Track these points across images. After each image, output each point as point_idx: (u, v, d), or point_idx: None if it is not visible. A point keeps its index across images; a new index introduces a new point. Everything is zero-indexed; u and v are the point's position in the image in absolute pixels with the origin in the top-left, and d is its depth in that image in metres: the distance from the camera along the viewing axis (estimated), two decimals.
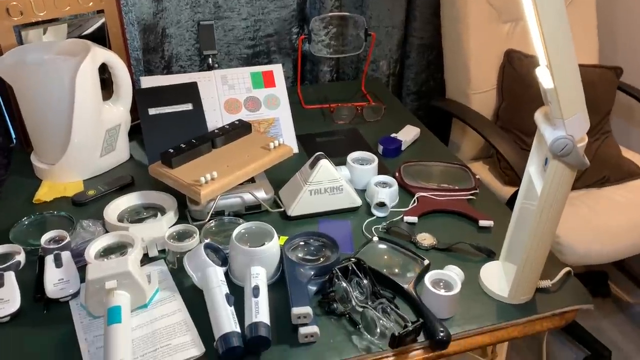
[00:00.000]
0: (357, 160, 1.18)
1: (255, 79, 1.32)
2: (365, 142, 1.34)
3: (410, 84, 1.82)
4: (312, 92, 1.61)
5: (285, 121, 1.31)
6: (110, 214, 1.02)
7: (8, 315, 0.82)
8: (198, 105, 1.26)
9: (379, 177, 1.14)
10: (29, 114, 1.12)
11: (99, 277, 0.81)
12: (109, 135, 1.17)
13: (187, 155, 1.08)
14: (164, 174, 1.05)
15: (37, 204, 1.09)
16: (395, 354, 0.82)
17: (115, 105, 1.19)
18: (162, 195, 1.07)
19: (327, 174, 1.05)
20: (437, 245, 1.01)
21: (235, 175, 1.05)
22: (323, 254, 0.94)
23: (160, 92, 1.25)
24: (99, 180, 1.17)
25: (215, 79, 1.30)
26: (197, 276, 0.88)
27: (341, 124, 1.43)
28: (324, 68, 1.69)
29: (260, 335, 0.78)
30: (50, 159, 1.14)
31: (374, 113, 1.44)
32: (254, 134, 1.20)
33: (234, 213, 1.06)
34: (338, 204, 1.08)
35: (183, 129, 1.23)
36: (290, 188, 1.10)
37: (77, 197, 1.09)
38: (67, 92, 1.06)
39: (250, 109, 1.30)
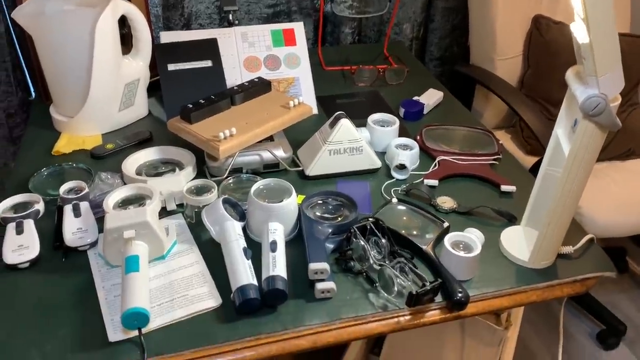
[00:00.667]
0: (377, 121, 1.16)
1: (276, 36, 1.30)
2: (386, 105, 1.32)
3: (433, 49, 1.77)
4: (333, 53, 1.58)
5: (305, 81, 1.29)
6: (129, 167, 1.01)
7: (27, 262, 0.83)
8: (217, 63, 1.24)
9: (399, 139, 1.12)
10: (48, 66, 1.11)
11: (117, 226, 0.81)
12: (127, 89, 1.16)
13: (206, 111, 1.07)
14: (182, 129, 1.04)
15: (56, 155, 1.09)
16: (412, 313, 0.81)
17: (134, 60, 1.18)
18: (181, 151, 1.07)
19: (348, 134, 1.04)
20: (457, 208, 0.99)
21: (254, 132, 1.04)
22: (341, 213, 0.93)
23: (180, 48, 1.23)
24: (118, 134, 1.16)
25: (235, 35, 1.28)
26: (215, 230, 0.87)
27: (362, 87, 1.40)
28: (345, 30, 1.65)
29: (277, 288, 0.77)
30: (69, 111, 1.14)
31: (396, 76, 1.41)
32: (274, 92, 1.18)
33: (251, 171, 1.06)
34: (357, 165, 1.06)
35: (202, 85, 1.21)
36: (309, 147, 1.09)
37: (95, 150, 1.09)
38: (87, 43, 1.05)
39: (270, 67, 1.28)
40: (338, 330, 0.78)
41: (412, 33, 1.73)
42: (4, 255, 0.82)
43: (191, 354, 0.73)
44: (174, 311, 0.77)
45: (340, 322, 0.78)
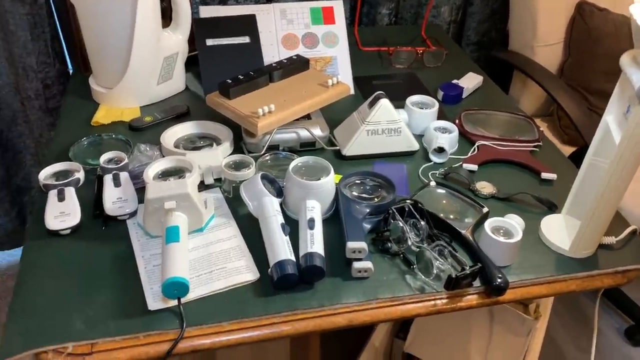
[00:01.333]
0: (416, 103, 1.14)
1: (315, 14, 1.28)
2: (424, 87, 1.30)
3: (471, 34, 1.74)
4: (369, 34, 1.56)
5: (343, 60, 1.27)
6: (167, 140, 1.02)
7: (69, 228, 0.84)
8: (255, 39, 1.23)
9: (438, 122, 1.11)
10: (89, 36, 1.11)
11: (159, 196, 0.81)
12: (166, 63, 1.16)
13: (245, 87, 1.06)
14: (221, 104, 1.04)
15: (95, 126, 1.10)
16: (449, 297, 0.80)
17: (173, 33, 1.17)
18: (218, 126, 1.07)
19: (387, 114, 1.02)
20: (497, 194, 0.98)
21: (292, 110, 1.03)
22: (378, 194, 0.92)
23: (219, 23, 1.22)
24: (155, 107, 1.17)
25: (274, 12, 1.27)
26: (253, 205, 0.87)
27: (399, 68, 1.38)
28: (382, 10, 1.63)
29: (315, 265, 0.77)
30: (108, 82, 1.15)
31: (434, 58, 1.39)
32: (311, 70, 1.17)
33: (288, 149, 1.05)
34: (395, 147, 1.05)
35: (239, 62, 1.21)
36: (346, 127, 1.08)
37: (134, 122, 1.10)
38: (129, 14, 1.05)
39: (308, 45, 1.27)
40: (374, 310, 0.78)
41: (450, 16, 1.69)
42: (47, 221, 0.84)
43: (229, 326, 0.74)
44: (212, 283, 0.78)
45: (377, 302, 0.78)
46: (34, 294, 0.76)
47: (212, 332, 0.73)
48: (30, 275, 0.79)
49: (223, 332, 0.73)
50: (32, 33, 1.41)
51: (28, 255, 0.82)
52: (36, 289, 0.77)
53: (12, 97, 1.56)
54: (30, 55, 1.44)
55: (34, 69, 1.47)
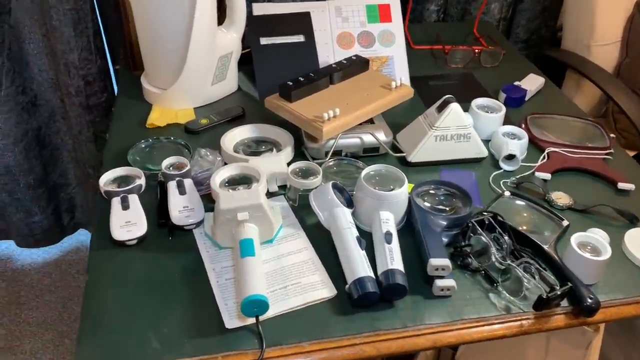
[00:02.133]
0: (481, 107, 1.10)
1: (371, 12, 1.23)
2: (482, 89, 1.25)
3: (520, 31, 1.68)
4: (419, 31, 1.51)
5: (400, 60, 1.22)
6: (227, 144, 0.98)
7: (135, 239, 0.80)
8: (310, 38, 1.18)
9: (506, 127, 1.06)
10: (145, 35, 1.08)
11: (232, 207, 0.77)
12: (221, 62, 1.12)
13: (306, 90, 1.02)
14: (281, 107, 1.00)
15: (150, 128, 1.06)
16: (536, 317, 0.76)
17: (228, 32, 1.13)
18: (278, 130, 1.03)
19: (457, 119, 0.98)
20: (574, 205, 0.93)
21: (356, 114, 0.99)
22: (453, 205, 0.88)
23: (273, 21, 1.18)
24: (209, 109, 1.13)
25: (329, 10, 1.22)
26: (324, 215, 0.83)
27: (455, 68, 1.33)
28: (430, 7, 1.57)
29: (398, 283, 0.73)
30: (162, 83, 1.11)
31: (491, 58, 1.33)
32: (371, 71, 1.13)
33: (351, 154, 1.01)
34: (463, 153, 1.01)
35: (294, 62, 1.17)
36: (411, 132, 1.03)
37: (190, 124, 1.06)
38: (187, 12, 1.01)
39: (364, 44, 1.22)
40: (459, 331, 0.74)
41: (500, 13, 1.63)
42: (113, 231, 0.80)
43: (310, 346, 0.70)
44: (289, 299, 0.74)
45: (462, 322, 0.74)
46: (104, 310, 0.73)
47: (292, 353, 0.70)
48: (98, 289, 0.76)
49: (303, 353, 0.70)
50: (76, 29, 1.38)
51: (95, 267, 0.78)
52: (106, 305, 0.74)
53: (52, 94, 1.54)
54: (73, 51, 1.41)
55: (76, 66, 1.44)
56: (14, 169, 1.59)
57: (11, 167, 1.58)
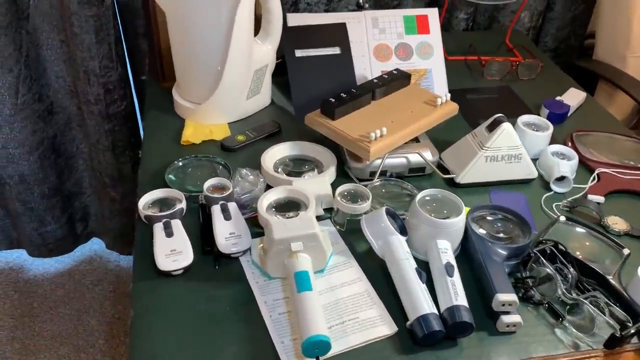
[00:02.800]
0: (528, 124, 1.06)
1: (408, 23, 1.19)
2: (522, 103, 1.21)
3: (548, 40, 1.64)
4: (449, 41, 1.46)
5: (439, 73, 1.18)
6: (267, 163, 0.94)
7: (182, 269, 0.76)
8: (346, 50, 1.14)
9: (554, 146, 1.02)
10: (179, 46, 1.03)
11: (286, 237, 0.73)
12: (256, 76, 1.07)
13: (348, 107, 0.98)
14: (323, 124, 0.96)
15: (185, 145, 1.02)
16: (606, 354, 0.72)
17: (263, 44, 1.09)
18: (318, 148, 0.98)
19: (508, 140, 0.94)
20: (631, 231, 0.89)
21: (402, 133, 0.95)
22: (511, 233, 0.84)
23: (308, 32, 1.13)
24: (244, 124, 1.08)
25: (365, 20, 1.18)
26: (378, 244, 0.79)
27: (491, 80, 1.29)
28: (460, 15, 1.53)
29: (465, 321, 0.69)
30: (196, 97, 1.06)
31: (528, 71, 1.29)
32: (412, 86, 1.09)
33: (396, 174, 0.97)
34: (513, 174, 0.97)
35: (329, 75, 1.12)
36: (458, 151, 0.99)
37: (226, 141, 1.01)
38: (225, 24, 0.96)
39: (401, 57, 1.18)
40: None
41: (531, 22, 1.60)
42: (158, 261, 0.76)
43: None
44: (348, 337, 0.70)
45: None
46: (153, 346, 0.69)
47: None
48: (145, 323, 0.71)
49: None
50: (97, 36, 1.33)
51: (140, 300, 0.74)
52: (155, 340, 0.69)
53: (68, 101, 1.50)
54: (94, 59, 1.36)
55: (96, 73, 1.39)
56: (28, 178, 1.54)
57: (26, 176, 1.54)
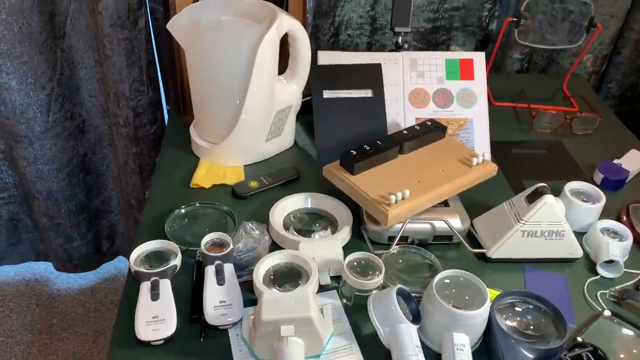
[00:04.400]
0: (576, 192, 0.93)
1: (451, 67, 1.09)
2: (574, 163, 1.08)
3: (613, 86, 1.49)
4: (500, 83, 1.35)
5: (481, 124, 1.07)
6: (277, 220, 0.86)
7: (162, 339, 0.69)
8: (379, 93, 1.05)
9: (606, 222, 0.89)
10: (197, 84, 0.97)
11: (276, 319, 0.65)
12: (278, 117, 1.00)
13: (371, 161, 0.89)
14: (342, 179, 0.87)
15: (194, 188, 0.95)
16: None
17: (288, 83, 1.01)
18: (335, 203, 0.90)
19: (550, 215, 0.82)
20: None
21: (428, 195, 0.85)
22: (542, 328, 0.72)
23: (339, 72, 1.05)
24: (261, 168, 1.01)
25: (402, 62, 1.09)
26: (385, 332, 0.69)
27: (542, 133, 1.16)
28: (514, 55, 1.41)
29: None
30: (212, 137, 1.00)
31: (584, 125, 1.16)
32: (448, 139, 0.98)
33: (418, 241, 0.87)
34: (553, 252, 0.85)
35: (359, 119, 1.04)
36: (492, 220, 0.88)
37: (238, 187, 0.94)
38: (245, 64, 0.90)
39: (440, 104, 1.08)
40: None
41: (594, 66, 1.45)
42: (138, 329, 0.69)
43: None
44: None
45: None
46: None
47: None
48: None
49: None
50: (128, 59, 1.30)
51: None
52: None
53: (100, 119, 1.48)
54: (124, 81, 1.33)
55: (126, 97, 1.35)
56: (56, 194, 1.53)
57: (54, 193, 1.52)
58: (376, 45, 1.42)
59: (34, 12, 1.24)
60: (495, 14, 1.42)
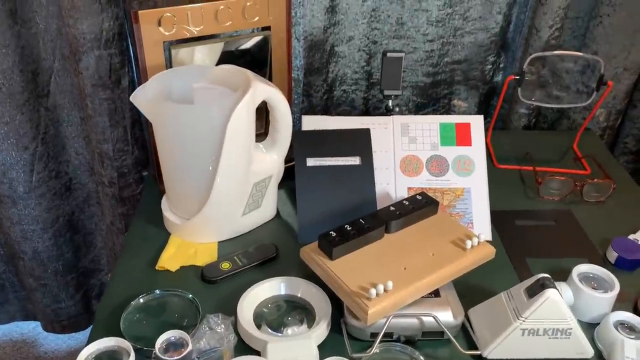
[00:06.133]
0: (586, 277, 0.83)
1: (446, 132, 1.00)
2: (585, 237, 0.97)
3: (629, 141, 1.39)
4: (503, 141, 1.26)
5: (479, 195, 0.98)
6: (245, 313, 0.76)
7: None
8: (367, 161, 0.97)
9: (620, 314, 0.78)
10: (166, 156, 0.90)
11: None
12: (256, 189, 0.92)
13: (353, 243, 0.80)
14: (319, 265, 0.78)
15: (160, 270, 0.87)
16: None
17: (268, 153, 0.94)
18: (314, 290, 0.81)
19: (553, 311, 0.72)
20: None
21: (415, 286, 0.75)
22: None
23: (324, 138, 0.98)
24: (237, 244, 0.93)
25: (393, 127, 1.01)
26: None
27: (549, 200, 1.06)
28: (520, 110, 1.32)
29: None
30: (183, 212, 0.92)
31: (597, 192, 1.06)
32: (440, 215, 0.89)
33: (405, 338, 0.77)
34: (559, 352, 0.74)
35: (346, 189, 0.95)
36: (489, 313, 0.78)
37: (207, 270, 0.86)
38: (216, 135, 0.82)
39: (434, 172, 0.99)
40: None
41: (607, 122, 1.35)
42: None
43: None
44: None
45: None
46: None
47: None
48: None
49: None
50: (112, 119, 1.25)
51: None
52: None
53: (88, 177, 1.42)
54: (108, 142, 1.28)
55: (110, 157, 1.30)
56: (42, 254, 1.47)
57: (39, 253, 1.47)
58: (373, 100, 1.35)
59: (15, 72, 1.20)
60: (500, 66, 1.35)
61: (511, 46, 1.30)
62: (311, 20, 1.18)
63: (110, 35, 1.13)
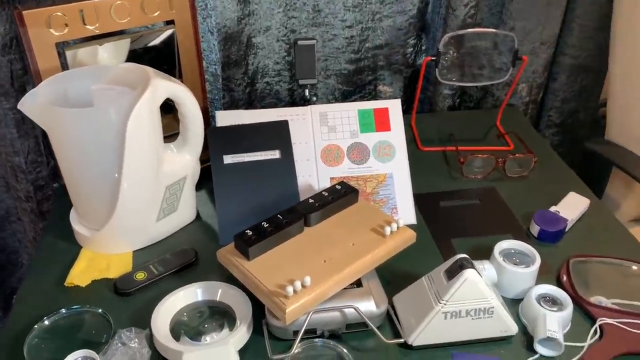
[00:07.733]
0: (508, 254, 0.82)
1: (364, 119, 0.98)
2: (509, 213, 0.98)
3: (553, 114, 1.41)
4: (428, 124, 1.25)
5: (401, 179, 0.96)
6: (160, 324, 0.72)
7: None
8: (287, 153, 0.94)
9: (542, 287, 0.78)
10: (66, 166, 0.84)
11: None
12: (169, 192, 0.88)
13: (271, 241, 0.77)
14: (236, 267, 0.75)
15: (70, 286, 0.82)
16: None
17: (179, 153, 0.89)
18: (235, 293, 0.77)
19: (473, 292, 0.71)
20: None
21: (334, 279, 0.73)
22: None
23: (240, 133, 0.94)
24: (154, 251, 0.88)
25: (311, 117, 0.98)
26: None
27: (473, 179, 1.06)
28: (444, 91, 1.32)
29: None
30: (92, 223, 0.87)
31: (519, 167, 1.06)
32: (361, 203, 0.87)
33: (329, 332, 0.74)
34: (483, 332, 0.73)
35: (267, 185, 0.92)
36: (411, 298, 0.77)
37: (120, 282, 0.81)
38: (116, 139, 0.78)
39: (355, 160, 0.97)
40: None
41: (529, 96, 1.37)
42: None
43: None
44: None
45: None
46: None
47: None
48: None
49: None
50: (20, 129, 1.17)
51: None
52: None
53: (4, 193, 1.33)
54: (19, 154, 1.20)
55: (23, 170, 1.22)
56: None
57: None
58: (299, 91, 1.32)
59: None
60: (422, 48, 1.34)
61: (431, 27, 1.30)
62: (223, 11, 1.14)
63: (7, 40, 1.05)
